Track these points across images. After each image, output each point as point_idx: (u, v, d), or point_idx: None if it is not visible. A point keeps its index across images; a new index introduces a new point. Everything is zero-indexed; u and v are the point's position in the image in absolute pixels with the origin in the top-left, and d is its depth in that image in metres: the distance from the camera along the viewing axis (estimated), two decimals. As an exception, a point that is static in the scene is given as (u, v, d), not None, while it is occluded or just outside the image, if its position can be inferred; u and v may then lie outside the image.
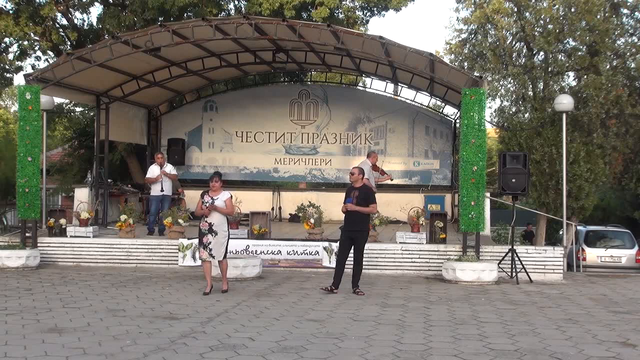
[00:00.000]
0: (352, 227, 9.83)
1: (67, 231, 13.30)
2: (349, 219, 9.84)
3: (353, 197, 9.80)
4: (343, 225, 10.02)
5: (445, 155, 18.72)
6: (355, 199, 9.77)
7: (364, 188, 10.06)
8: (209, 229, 9.59)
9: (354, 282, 9.95)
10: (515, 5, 20.13)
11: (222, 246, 9.69)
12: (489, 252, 12.23)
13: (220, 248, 9.67)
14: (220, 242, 9.64)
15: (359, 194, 9.82)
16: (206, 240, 9.62)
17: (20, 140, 12.84)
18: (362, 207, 9.79)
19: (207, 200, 9.55)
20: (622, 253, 18.97)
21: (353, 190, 9.94)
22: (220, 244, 9.66)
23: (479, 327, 7.78)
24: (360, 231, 9.87)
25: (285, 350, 6.48)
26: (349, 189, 10.15)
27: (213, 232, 9.59)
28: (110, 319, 7.86)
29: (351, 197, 9.83)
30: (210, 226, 9.59)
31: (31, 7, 18.44)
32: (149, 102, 18.67)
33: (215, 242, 9.61)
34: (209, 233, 9.60)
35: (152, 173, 14.15)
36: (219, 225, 9.62)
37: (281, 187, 20.14)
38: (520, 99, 20.25)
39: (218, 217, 9.61)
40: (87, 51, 13.38)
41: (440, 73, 13.35)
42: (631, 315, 8.78)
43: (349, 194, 9.96)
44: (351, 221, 9.83)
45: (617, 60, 19.36)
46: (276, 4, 17.24)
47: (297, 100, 19.22)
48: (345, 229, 9.93)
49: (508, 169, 12.08)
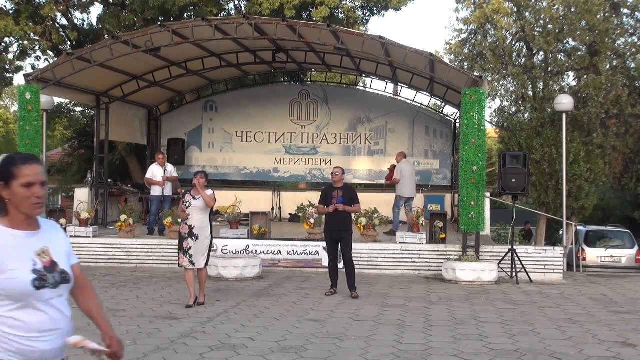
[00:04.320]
0: (338, 227, 9.67)
1: (67, 231, 13.27)
2: (335, 219, 9.66)
3: (337, 197, 9.64)
4: (326, 226, 9.84)
5: (445, 155, 18.72)
6: (342, 199, 9.62)
7: (347, 187, 10.02)
8: (189, 233, 8.80)
9: (350, 285, 9.72)
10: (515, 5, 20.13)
11: (204, 253, 8.87)
12: (489, 252, 12.23)
13: (201, 255, 8.84)
14: (202, 248, 8.83)
15: (344, 194, 9.68)
16: (186, 245, 8.81)
17: (20, 140, 12.85)
18: (349, 206, 9.70)
19: (187, 200, 8.91)
20: (622, 253, 18.95)
21: (335, 190, 9.77)
22: (202, 251, 8.83)
23: (479, 327, 7.78)
24: (347, 231, 9.75)
25: (285, 350, 6.48)
26: (329, 189, 9.95)
27: (194, 236, 8.78)
28: (110, 319, 7.85)
29: (335, 197, 9.65)
30: (190, 229, 8.79)
31: (31, 7, 18.45)
32: (149, 102, 18.67)
33: (195, 248, 8.79)
34: (189, 237, 8.80)
35: (152, 173, 14.12)
36: (200, 229, 8.80)
37: (281, 187, 20.15)
38: (520, 99, 20.25)
39: (199, 219, 8.81)
40: (87, 51, 13.38)
41: (440, 73, 13.34)
42: (631, 315, 8.78)
43: (330, 194, 9.76)
44: (337, 221, 9.66)
45: (617, 60, 19.35)
46: (276, 4, 17.23)
47: (297, 100, 19.22)
48: (330, 230, 9.74)
49: (508, 169, 12.08)
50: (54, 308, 2.67)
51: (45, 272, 2.64)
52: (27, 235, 2.68)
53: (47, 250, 2.70)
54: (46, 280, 2.62)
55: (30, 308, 2.59)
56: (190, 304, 8.78)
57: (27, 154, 2.80)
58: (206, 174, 9.17)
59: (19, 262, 2.59)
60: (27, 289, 2.57)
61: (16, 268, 2.57)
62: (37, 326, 2.60)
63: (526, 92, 19.79)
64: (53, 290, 2.65)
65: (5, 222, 2.66)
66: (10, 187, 2.63)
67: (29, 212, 2.67)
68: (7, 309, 2.57)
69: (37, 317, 2.60)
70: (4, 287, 2.55)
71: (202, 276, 9.00)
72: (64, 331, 2.72)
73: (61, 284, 2.69)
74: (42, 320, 2.62)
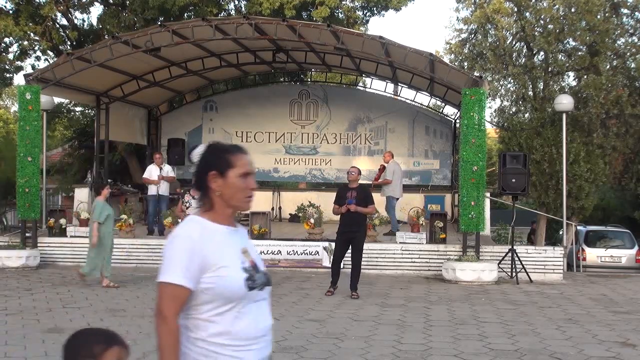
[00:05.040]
0: (350, 228, 9.58)
1: (67, 231, 13.30)
2: (348, 220, 9.58)
3: (352, 198, 9.55)
4: (340, 226, 9.70)
5: (445, 155, 18.71)
6: (355, 200, 9.56)
7: (362, 188, 9.92)
8: None
9: (353, 285, 9.69)
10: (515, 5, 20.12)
11: None
12: (489, 252, 12.23)
13: None
14: None
15: (358, 195, 9.58)
16: None
17: (20, 140, 12.84)
18: (363, 207, 9.67)
19: (187, 200, 8.86)
20: (622, 253, 18.95)
21: (349, 190, 9.66)
22: None
23: (479, 327, 7.78)
24: (359, 232, 9.67)
25: (285, 350, 6.48)
26: (343, 189, 9.86)
27: None
28: (110, 319, 7.86)
29: (349, 197, 9.58)
30: None
31: (31, 7, 18.45)
32: (149, 102, 18.67)
33: None
34: None
35: (149, 173, 14.11)
36: None
37: (281, 187, 20.14)
38: (520, 99, 20.24)
39: None
40: (87, 51, 13.38)
41: (440, 73, 13.34)
42: (631, 315, 8.77)
43: (343, 194, 9.68)
44: (350, 222, 9.57)
45: (617, 60, 19.34)
46: (276, 4, 17.23)
47: (297, 100, 19.22)
48: (343, 231, 9.64)
49: (508, 169, 12.08)
50: (261, 312, 2.43)
51: (254, 272, 2.40)
52: (231, 231, 2.43)
53: (246, 250, 2.46)
54: (255, 280, 2.39)
55: (238, 311, 2.33)
56: None
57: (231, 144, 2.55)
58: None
59: (231, 259, 2.35)
60: (241, 289, 2.33)
61: (229, 265, 2.33)
62: (245, 333, 2.34)
63: (526, 92, 19.79)
64: (259, 293, 2.41)
65: (210, 216, 2.40)
66: (225, 177, 2.38)
67: (240, 205, 2.43)
68: (213, 312, 2.31)
69: (244, 322, 2.34)
70: (216, 285, 2.30)
71: None
72: (269, 339, 2.46)
73: (266, 285, 2.46)
74: (250, 325, 2.36)
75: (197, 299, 2.31)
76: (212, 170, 2.38)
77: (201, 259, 2.29)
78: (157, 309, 2.31)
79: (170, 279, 2.28)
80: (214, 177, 2.38)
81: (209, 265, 2.29)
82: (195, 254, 2.29)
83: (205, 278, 2.29)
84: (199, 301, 2.31)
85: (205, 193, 2.40)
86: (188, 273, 2.27)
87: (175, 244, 2.33)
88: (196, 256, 2.29)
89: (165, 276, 2.30)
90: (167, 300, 2.28)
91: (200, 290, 2.30)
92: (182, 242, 2.32)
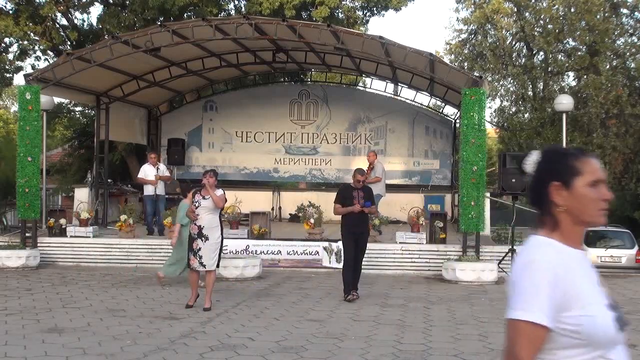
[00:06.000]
0: (359, 228, 9.57)
1: (67, 231, 13.30)
2: (358, 220, 9.53)
3: (359, 198, 9.51)
4: (348, 227, 9.59)
5: (445, 155, 18.70)
6: (362, 200, 9.50)
7: (368, 189, 9.89)
8: (199, 233, 8.56)
9: (353, 285, 9.65)
10: (515, 5, 20.16)
11: (214, 253, 8.61)
12: (489, 252, 12.23)
13: (212, 255, 8.59)
14: (212, 248, 8.59)
15: (365, 195, 9.55)
16: (196, 245, 8.58)
17: (20, 140, 12.84)
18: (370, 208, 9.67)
19: (197, 200, 8.89)
20: (622, 253, 18.93)
21: (355, 190, 9.61)
22: (212, 251, 8.58)
23: (479, 327, 7.78)
24: (366, 232, 9.76)
25: (285, 350, 6.48)
26: (348, 189, 9.76)
27: (203, 237, 8.54)
28: (110, 319, 7.86)
29: (356, 197, 9.51)
30: (199, 229, 8.55)
31: (31, 7, 18.46)
32: (149, 102, 18.67)
33: (205, 248, 8.55)
34: (199, 237, 8.56)
35: (144, 173, 14.07)
36: (209, 229, 8.57)
37: (281, 187, 20.13)
38: (520, 99, 20.28)
39: (208, 219, 8.58)
40: (87, 51, 13.38)
41: (440, 73, 13.35)
42: (631, 315, 8.76)
43: (349, 195, 9.60)
44: (360, 222, 9.57)
45: (617, 60, 19.37)
46: (276, 4, 17.24)
47: (297, 100, 19.21)
48: (352, 231, 9.57)
49: (508, 169, 12.08)
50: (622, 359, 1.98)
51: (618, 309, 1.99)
52: (584, 257, 2.02)
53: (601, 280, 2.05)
54: (622, 320, 1.97)
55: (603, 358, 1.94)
56: (190, 304, 8.70)
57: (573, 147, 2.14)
58: (216, 172, 8.93)
59: (594, 294, 1.96)
60: (611, 332, 1.93)
61: (594, 302, 1.94)
62: None
63: (526, 92, 19.82)
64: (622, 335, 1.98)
65: (558, 237, 2.00)
66: (571, 188, 1.98)
67: (594, 220, 2.01)
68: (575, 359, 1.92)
69: None
70: (585, 326, 1.90)
71: (210, 279, 8.67)
72: None
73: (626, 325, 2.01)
74: None
75: (555, 341, 1.93)
76: (554, 180, 2.00)
77: (563, 293, 1.91)
78: (512, 352, 1.96)
79: (530, 317, 1.89)
80: (557, 189, 1.99)
81: (571, 301, 1.91)
82: (557, 286, 1.91)
83: (566, 317, 1.91)
84: (557, 345, 1.94)
85: (546, 209, 2.02)
86: (548, 310, 1.90)
87: (533, 273, 1.93)
88: (558, 289, 1.91)
89: (522, 312, 1.91)
90: (526, 343, 1.90)
91: (559, 332, 1.92)
92: (541, 270, 1.93)
